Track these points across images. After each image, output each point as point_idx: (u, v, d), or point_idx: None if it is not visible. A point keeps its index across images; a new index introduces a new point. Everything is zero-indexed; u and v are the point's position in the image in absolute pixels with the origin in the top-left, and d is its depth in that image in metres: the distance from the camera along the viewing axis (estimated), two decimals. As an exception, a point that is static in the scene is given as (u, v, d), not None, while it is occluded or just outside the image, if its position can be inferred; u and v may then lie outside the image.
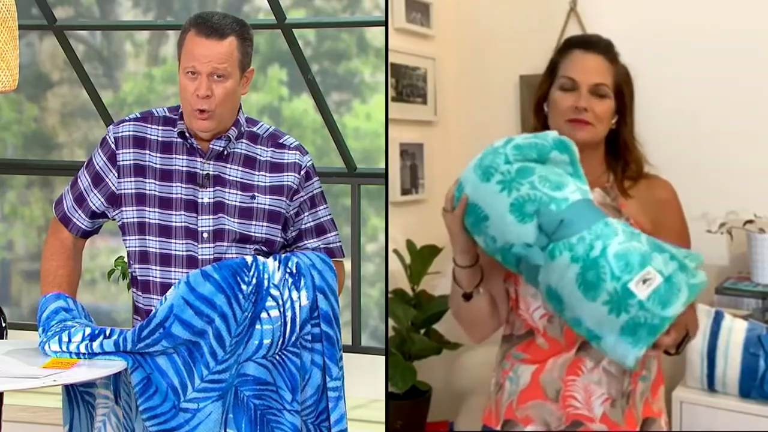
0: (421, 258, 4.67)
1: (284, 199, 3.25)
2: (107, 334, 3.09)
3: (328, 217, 3.33)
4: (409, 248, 4.68)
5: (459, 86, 4.92)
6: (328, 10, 5.51)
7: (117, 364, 3.08)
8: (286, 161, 3.27)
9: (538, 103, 3.16)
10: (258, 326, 3.12)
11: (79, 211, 3.32)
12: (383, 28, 4.65)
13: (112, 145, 3.27)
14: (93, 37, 5.81)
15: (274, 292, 3.14)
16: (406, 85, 4.77)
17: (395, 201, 4.69)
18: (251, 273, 3.13)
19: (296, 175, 3.27)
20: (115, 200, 3.27)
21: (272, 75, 5.66)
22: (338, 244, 3.34)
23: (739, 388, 3.93)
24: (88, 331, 3.11)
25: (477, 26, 4.86)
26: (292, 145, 3.30)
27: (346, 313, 5.37)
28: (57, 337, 3.11)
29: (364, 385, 5.15)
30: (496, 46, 4.80)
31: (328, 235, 3.33)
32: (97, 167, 3.29)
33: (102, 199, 3.28)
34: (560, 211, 2.82)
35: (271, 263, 3.17)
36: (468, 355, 4.65)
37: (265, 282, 3.14)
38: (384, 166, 4.64)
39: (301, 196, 3.28)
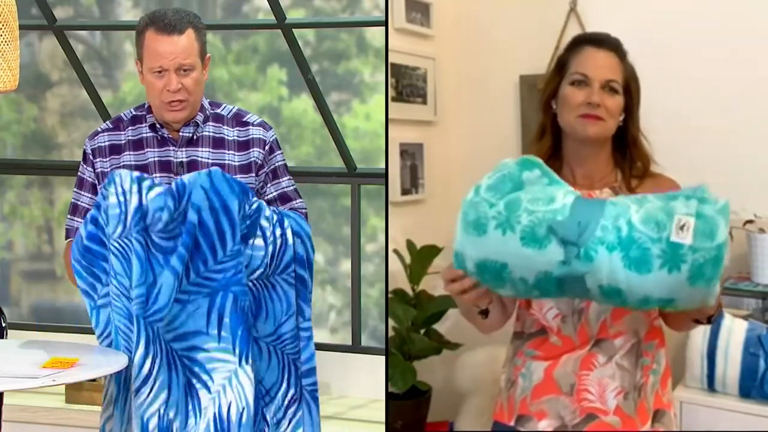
0: (421, 258, 4.67)
1: (252, 174, 3.40)
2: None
3: (291, 188, 3.47)
4: (409, 248, 4.68)
5: (459, 86, 4.93)
6: (328, 10, 5.51)
7: (117, 364, 3.08)
8: (250, 137, 3.42)
9: (546, 101, 3.16)
10: (249, 251, 3.24)
11: None
12: (383, 28, 4.65)
13: (90, 157, 3.43)
14: (93, 37, 5.81)
15: (264, 223, 3.27)
16: (406, 85, 4.77)
17: (395, 201, 4.68)
18: (254, 198, 3.28)
19: (260, 150, 3.42)
20: None
21: (272, 75, 5.66)
22: (304, 210, 3.47)
23: (739, 388, 3.93)
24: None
25: (477, 26, 4.86)
26: (255, 122, 3.45)
27: (346, 313, 5.37)
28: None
29: (364, 385, 5.15)
30: (496, 46, 4.80)
31: (293, 202, 3.46)
32: (90, 180, 3.43)
33: None
34: (569, 217, 2.81)
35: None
36: (468, 355, 4.65)
37: (267, 212, 3.28)
38: (384, 166, 4.64)
39: (265, 170, 3.43)
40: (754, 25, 4.34)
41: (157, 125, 3.39)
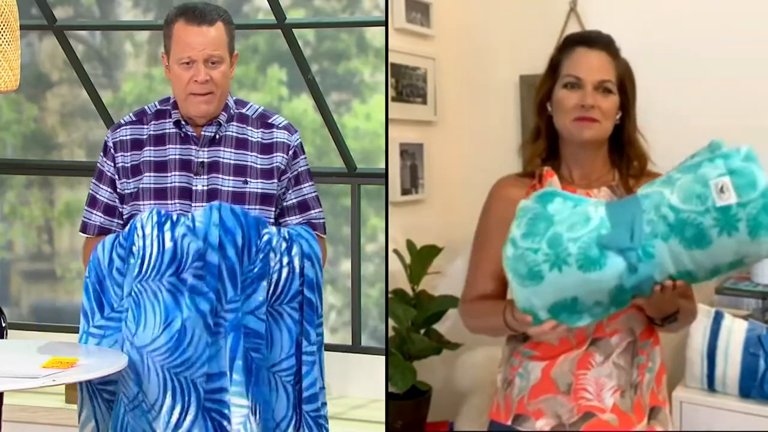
0: (421, 258, 4.66)
1: (275, 180, 3.34)
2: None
3: (313, 195, 3.42)
4: (409, 248, 4.68)
5: (459, 86, 4.92)
6: (328, 10, 5.51)
7: (117, 364, 3.08)
8: (275, 141, 3.35)
9: (540, 103, 3.14)
10: (264, 282, 3.19)
11: (115, 220, 3.36)
12: (383, 28, 4.65)
13: (111, 150, 3.36)
14: (93, 37, 5.80)
15: (271, 254, 3.23)
16: (406, 85, 4.77)
17: (395, 201, 4.68)
18: (266, 230, 3.22)
19: (284, 155, 3.35)
20: (122, 199, 3.35)
21: (272, 75, 5.65)
22: (321, 220, 3.42)
23: (739, 388, 3.93)
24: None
25: (477, 26, 4.86)
26: (281, 125, 3.38)
27: (346, 313, 5.37)
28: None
29: (364, 385, 5.15)
30: (496, 46, 4.80)
31: (312, 211, 3.40)
32: (109, 174, 3.37)
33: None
34: (612, 227, 2.80)
35: (272, 228, 3.27)
36: (468, 355, 4.64)
37: (274, 241, 3.22)
38: (384, 166, 4.63)
39: (288, 176, 3.36)
40: (755, 25, 4.34)
41: (182, 122, 3.33)
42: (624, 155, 3.11)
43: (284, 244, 3.24)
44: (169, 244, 3.11)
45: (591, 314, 2.86)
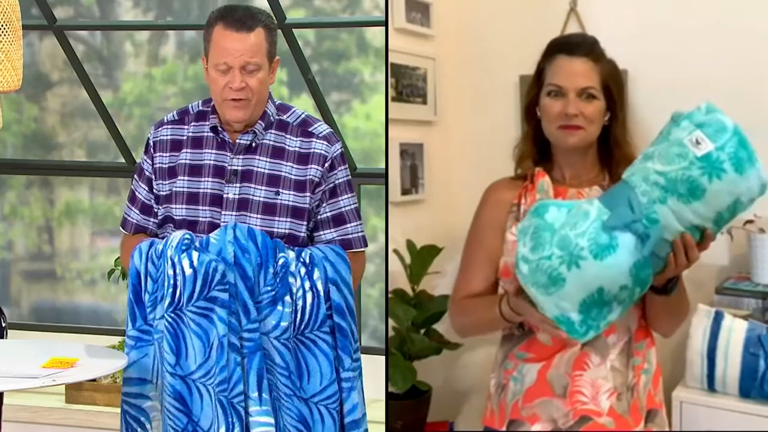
0: (421, 258, 4.66)
1: (308, 193, 3.25)
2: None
3: (350, 207, 3.31)
4: (409, 248, 4.67)
5: (459, 86, 4.92)
6: (328, 10, 5.51)
7: (116, 364, 3.08)
8: (312, 152, 3.26)
9: (528, 108, 3.16)
10: (280, 307, 3.13)
11: (151, 219, 3.35)
12: (383, 28, 4.65)
13: (152, 149, 3.33)
14: (93, 37, 5.80)
15: (291, 279, 3.16)
16: (406, 85, 4.77)
17: (395, 201, 4.68)
18: (281, 254, 3.16)
19: (319, 167, 3.26)
20: (157, 200, 3.32)
21: (272, 75, 5.65)
22: (358, 234, 3.31)
23: (739, 388, 3.92)
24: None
25: (477, 26, 4.85)
26: (321, 135, 3.29)
27: (346, 313, 5.36)
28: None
29: (364, 385, 5.14)
30: (496, 46, 4.79)
31: (347, 225, 3.30)
32: (147, 174, 3.34)
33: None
34: (612, 210, 2.85)
35: (290, 253, 3.20)
36: (468, 355, 4.64)
37: (292, 266, 3.16)
38: (384, 166, 4.63)
39: (322, 188, 3.28)
40: (756, 25, 4.33)
41: (219, 128, 3.26)
42: (612, 156, 3.13)
43: (303, 270, 3.18)
44: (189, 272, 3.07)
45: (619, 301, 2.90)
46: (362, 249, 3.35)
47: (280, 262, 3.14)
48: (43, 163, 5.92)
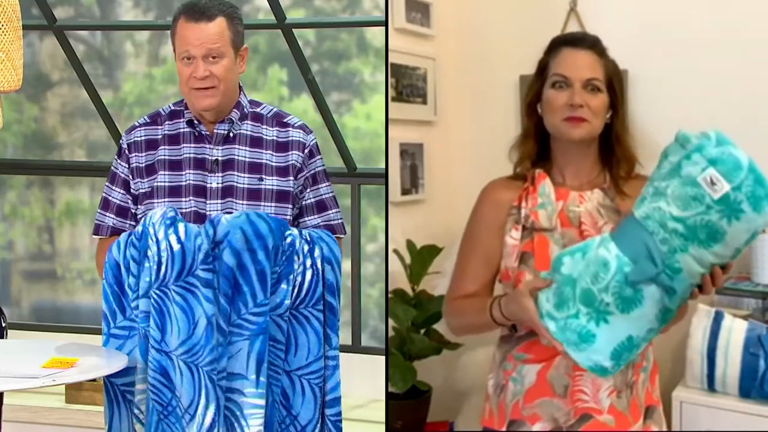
0: (421, 258, 4.66)
1: (291, 178, 3.33)
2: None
3: (330, 195, 3.42)
4: (409, 248, 4.67)
5: (459, 86, 4.92)
6: (328, 10, 5.51)
7: (116, 363, 3.08)
8: (290, 139, 3.36)
9: (529, 105, 3.15)
10: (284, 285, 3.19)
11: (128, 221, 3.36)
12: (383, 28, 4.65)
13: (126, 152, 3.37)
14: (93, 37, 5.80)
15: (295, 257, 3.22)
16: (406, 85, 4.77)
17: (395, 201, 4.68)
18: (288, 232, 3.22)
19: (300, 153, 3.36)
20: (136, 200, 3.36)
21: (272, 75, 5.66)
22: (339, 221, 3.42)
23: (739, 388, 3.92)
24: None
25: (477, 26, 4.85)
26: (296, 125, 3.40)
27: (346, 313, 5.37)
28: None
29: (364, 385, 5.14)
30: (496, 46, 4.79)
31: (329, 211, 3.41)
32: (123, 176, 3.38)
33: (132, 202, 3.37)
34: (632, 262, 2.84)
35: (294, 230, 3.26)
36: (468, 355, 4.64)
37: (297, 243, 3.22)
38: (384, 166, 4.63)
39: (305, 174, 3.36)
40: (756, 25, 4.33)
41: (195, 121, 3.34)
42: (613, 155, 3.12)
43: (306, 247, 3.24)
44: (177, 246, 3.10)
45: (646, 340, 2.94)
46: (342, 235, 3.45)
47: (288, 240, 3.20)
48: (43, 163, 5.92)
